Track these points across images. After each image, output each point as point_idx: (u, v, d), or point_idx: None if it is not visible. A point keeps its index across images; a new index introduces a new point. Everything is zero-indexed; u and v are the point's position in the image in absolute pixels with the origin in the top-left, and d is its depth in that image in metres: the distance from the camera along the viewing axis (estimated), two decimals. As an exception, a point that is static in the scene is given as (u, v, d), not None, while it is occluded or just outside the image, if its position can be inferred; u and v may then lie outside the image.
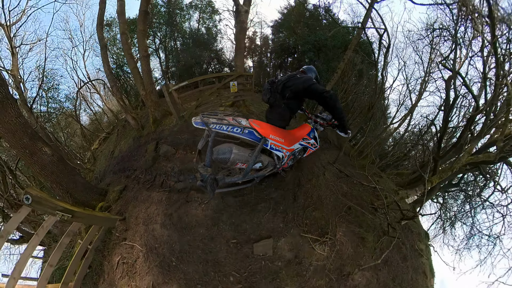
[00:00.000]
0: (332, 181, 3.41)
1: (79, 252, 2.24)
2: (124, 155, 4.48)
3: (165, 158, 3.38)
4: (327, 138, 5.08)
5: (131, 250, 2.39)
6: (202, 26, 12.06)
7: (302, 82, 2.30)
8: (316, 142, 2.77)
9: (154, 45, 10.83)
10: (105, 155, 6.48)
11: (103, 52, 4.95)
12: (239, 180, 2.23)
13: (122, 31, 4.67)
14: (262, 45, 12.32)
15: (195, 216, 2.57)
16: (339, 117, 2.35)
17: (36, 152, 2.41)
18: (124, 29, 4.67)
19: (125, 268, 2.30)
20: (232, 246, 2.36)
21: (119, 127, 7.49)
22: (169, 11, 10.49)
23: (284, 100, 2.44)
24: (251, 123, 2.12)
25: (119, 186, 3.23)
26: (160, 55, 11.15)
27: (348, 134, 2.49)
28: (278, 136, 2.27)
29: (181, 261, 2.24)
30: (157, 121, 4.51)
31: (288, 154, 2.44)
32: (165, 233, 2.44)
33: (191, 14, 11.65)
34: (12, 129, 2.26)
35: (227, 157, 2.12)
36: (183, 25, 11.30)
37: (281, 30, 11.14)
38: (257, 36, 12.40)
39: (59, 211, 1.88)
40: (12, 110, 2.27)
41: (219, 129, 1.99)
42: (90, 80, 10.68)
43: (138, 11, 4.43)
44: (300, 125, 2.79)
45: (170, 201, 2.75)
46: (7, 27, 7.84)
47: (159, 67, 11.48)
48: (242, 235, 2.45)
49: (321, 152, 4.21)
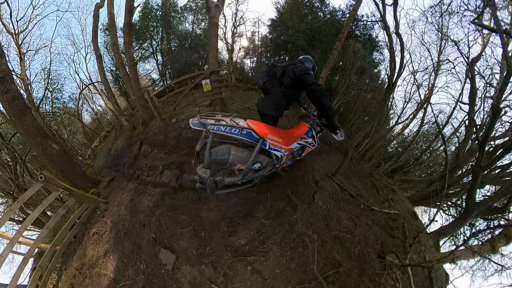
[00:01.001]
0: (324, 207, 2.77)
1: (68, 223, 2.99)
2: (118, 152, 5.16)
3: (143, 156, 4.16)
4: (326, 139, 4.72)
5: (104, 225, 3.03)
6: (197, 28, 12.68)
7: (299, 70, 2.26)
8: (315, 141, 2.77)
9: (151, 48, 11.61)
10: (104, 152, 7.19)
11: (98, 62, 5.82)
12: (238, 181, 2.24)
13: (113, 42, 5.46)
14: (261, 44, 12.39)
15: (142, 204, 3.10)
16: (326, 114, 2.28)
17: (47, 148, 3.29)
18: (115, 40, 5.46)
19: (96, 238, 2.91)
20: (151, 240, 2.60)
21: (117, 127, 8.38)
22: (165, 14, 11.11)
23: (282, 88, 2.35)
24: (248, 124, 2.14)
25: (109, 177, 4.07)
26: (157, 58, 11.92)
27: (338, 135, 2.35)
28: (276, 136, 2.29)
29: (125, 237, 2.76)
30: (145, 122, 5.34)
31: (287, 154, 2.46)
32: (125, 214, 3.04)
33: (185, 16, 12.30)
34: (29, 131, 3.15)
35: (225, 158, 2.15)
36: (179, 27, 11.98)
37: (278, 29, 11.12)
38: (255, 35, 12.52)
39: (61, 188, 2.74)
40: (28, 117, 3.15)
41: (217, 130, 2.01)
42: (92, 82, 11.66)
43: (123, 24, 5.18)
44: (298, 124, 2.81)
45: (136, 190, 3.38)
46: (15, 35, 8.82)
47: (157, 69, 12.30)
48: (161, 234, 2.62)
49: (317, 157, 3.79)
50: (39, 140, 3.22)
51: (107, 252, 2.68)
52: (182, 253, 2.39)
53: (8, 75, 3.05)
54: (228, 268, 2.20)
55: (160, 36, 11.34)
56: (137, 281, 2.30)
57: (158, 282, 2.24)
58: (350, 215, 2.82)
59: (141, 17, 10.70)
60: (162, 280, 2.24)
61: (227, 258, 2.28)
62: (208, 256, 2.31)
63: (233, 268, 2.20)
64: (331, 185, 3.15)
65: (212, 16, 5.05)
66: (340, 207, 2.88)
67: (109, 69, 10.83)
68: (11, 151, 5.11)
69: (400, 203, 3.57)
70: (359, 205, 2.96)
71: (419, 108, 7.60)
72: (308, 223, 2.58)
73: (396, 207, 3.30)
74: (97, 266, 2.59)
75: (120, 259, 2.54)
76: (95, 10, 5.79)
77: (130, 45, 5.26)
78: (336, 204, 2.89)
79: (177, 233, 2.58)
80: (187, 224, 2.65)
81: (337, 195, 3.04)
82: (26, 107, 3.13)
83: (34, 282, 2.61)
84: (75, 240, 3.14)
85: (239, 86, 10.11)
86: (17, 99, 3.07)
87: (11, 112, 3.07)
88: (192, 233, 2.55)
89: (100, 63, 5.82)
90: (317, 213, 2.72)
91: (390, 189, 3.90)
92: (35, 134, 3.19)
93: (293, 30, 8.83)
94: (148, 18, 10.57)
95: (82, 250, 2.91)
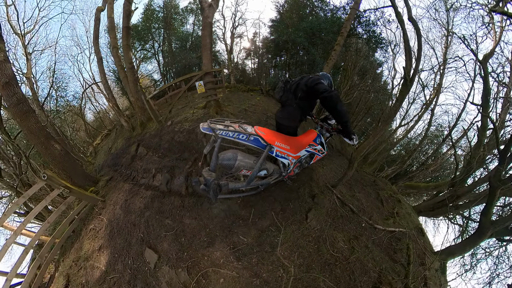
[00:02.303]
0: (318, 227, 2.57)
1: (68, 219, 3.25)
2: (118, 152, 5.37)
3: (139, 157, 4.37)
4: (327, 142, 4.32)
5: (101, 222, 3.26)
6: (198, 29, 12.90)
7: (311, 82, 2.33)
8: (323, 148, 2.72)
9: (153, 49, 11.93)
10: (105, 150, 7.45)
11: (99, 64, 6.08)
12: (243, 187, 2.25)
13: (113, 45, 5.69)
14: (262, 46, 12.43)
15: (135, 205, 3.31)
16: (341, 121, 2.28)
17: (49, 148, 3.56)
18: (115, 43, 5.69)
19: (93, 233, 3.14)
20: (139, 239, 2.78)
21: (118, 127, 8.68)
22: (166, 16, 11.38)
23: (296, 100, 2.48)
24: (256, 130, 2.17)
25: (107, 177, 4.33)
26: (158, 59, 12.22)
27: (353, 140, 2.33)
28: (284, 143, 2.29)
29: (118, 234, 2.98)
30: (143, 124, 5.59)
31: (294, 162, 2.43)
32: (119, 213, 3.27)
33: (186, 17, 12.56)
34: (33, 131, 3.42)
35: (231, 163, 2.17)
36: (180, 29, 12.25)
37: (278, 29, 11.05)
38: (256, 37, 12.73)
39: (62, 186, 2.99)
40: (32, 118, 3.42)
41: (225, 136, 2.05)
42: (95, 82, 12.02)
43: (122, 27, 5.38)
44: (306, 131, 2.74)
45: (131, 191, 3.59)
46: (22, 36, 9.21)
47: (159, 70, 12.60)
48: (148, 235, 2.80)
49: (318, 163, 3.59)
50: (42, 140, 3.48)
51: (101, 247, 2.92)
52: (164, 255, 2.54)
53: (14, 80, 3.32)
54: (202, 276, 2.29)
55: (161, 37, 11.64)
56: (124, 275, 2.52)
57: (141, 278, 2.44)
58: (348, 236, 2.63)
59: (144, 18, 11.00)
60: (144, 276, 2.44)
61: (202, 266, 2.38)
62: (185, 261, 2.43)
63: (207, 277, 2.29)
64: (330, 199, 2.92)
65: (205, 16, 5.09)
66: (337, 226, 2.70)
67: (112, 69, 11.18)
68: (16, 148, 5.46)
69: (406, 218, 3.34)
70: (361, 223, 2.73)
71: (424, 110, 7.34)
72: (294, 247, 2.41)
73: (402, 223, 3.09)
74: (91, 259, 2.81)
75: (112, 254, 2.76)
76: (96, 13, 6.04)
77: (128, 48, 5.48)
78: (334, 223, 2.70)
79: (161, 235, 2.75)
80: (170, 228, 2.79)
81: (336, 212, 2.82)
82: (30, 109, 3.40)
83: (33, 271, 2.86)
84: (73, 235, 3.38)
85: (238, 87, 10.32)
86: (22, 102, 3.33)
87: (17, 114, 3.34)
88: (174, 237, 2.69)
89: (100, 65, 6.09)
90: (308, 234, 2.52)
91: (395, 199, 3.67)
92: (38, 134, 3.46)
93: (293, 29, 8.73)
94: (151, 20, 10.85)
95: (79, 244, 3.15)
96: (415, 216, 3.76)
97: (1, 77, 3.18)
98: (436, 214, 3.92)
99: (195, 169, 3.50)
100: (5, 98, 3.32)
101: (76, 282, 2.68)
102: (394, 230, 2.32)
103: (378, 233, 2.70)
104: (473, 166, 3.81)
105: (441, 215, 4.08)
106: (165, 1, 11.25)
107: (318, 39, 8.07)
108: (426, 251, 2.69)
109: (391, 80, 8.69)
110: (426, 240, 3.40)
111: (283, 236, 2.49)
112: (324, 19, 8.48)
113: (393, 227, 2.82)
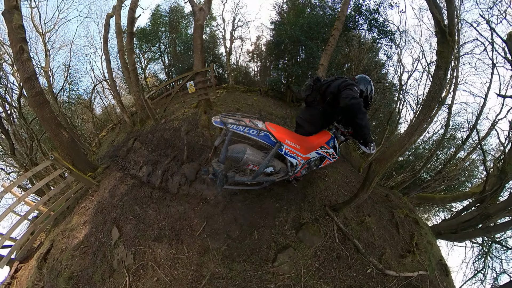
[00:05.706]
0: (292, 276, 1.78)
1: (65, 196, 3.78)
2: (119, 145, 5.84)
3: (133, 151, 4.85)
4: None
5: (91, 202, 3.73)
6: (203, 32, 13.66)
7: (344, 85, 2.07)
8: (336, 153, 2.58)
9: (160, 51, 12.79)
10: (108, 142, 8.19)
11: (107, 65, 6.86)
12: (248, 181, 2.27)
13: (119, 48, 6.40)
14: (266, 49, 12.34)
15: (119, 190, 3.77)
16: (358, 134, 2.11)
17: (59, 135, 4.28)
18: (121, 46, 6.38)
19: (83, 211, 3.61)
20: (113, 218, 3.21)
21: (122, 122, 9.45)
22: (172, 20, 12.21)
23: (323, 104, 2.30)
24: (267, 126, 2.18)
25: (105, 165, 4.96)
26: (164, 60, 13.05)
27: (370, 148, 2.15)
28: (294, 142, 2.26)
29: (100, 212, 3.43)
30: (143, 121, 6.25)
31: (303, 162, 2.37)
32: (106, 196, 3.74)
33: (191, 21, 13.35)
34: (47, 119, 4.16)
35: (240, 156, 2.22)
36: (185, 32, 13.06)
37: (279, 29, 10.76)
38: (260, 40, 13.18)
39: (65, 167, 3.67)
40: (47, 109, 4.16)
41: (236, 130, 2.10)
42: (105, 79, 12.98)
43: (126, 33, 6.05)
44: (319, 132, 2.57)
45: (120, 179, 4.05)
46: (42, 35, 10.28)
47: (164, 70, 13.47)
48: (120, 216, 3.25)
49: (318, 173, 3.00)
50: (53, 127, 4.21)
51: (86, 222, 3.41)
52: (124, 236, 2.87)
53: (34, 76, 4.08)
54: (142, 266, 2.43)
55: (168, 40, 12.49)
56: (93, 246, 2.97)
57: (103, 251, 2.83)
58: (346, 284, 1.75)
59: (152, 22, 11.90)
60: (105, 250, 2.82)
61: (146, 257, 2.51)
62: (136, 246, 2.67)
63: (146, 270, 2.41)
64: (327, 232, 2.06)
65: (196, 19, 5.35)
66: (327, 274, 1.80)
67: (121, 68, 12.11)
68: (30, 132, 6.34)
69: (427, 251, 2.49)
70: (365, 268, 1.85)
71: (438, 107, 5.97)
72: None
73: (422, 259, 2.31)
74: (75, 231, 3.30)
75: (91, 229, 3.23)
76: (106, 19, 6.85)
77: (132, 51, 6.15)
78: (322, 268, 1.84)
79: (128, 218, 3.10)
80: (136, 214, 3.14)
81: (331, 250, 1.95)
82: (45, 101, 4.15)
83: (26, 235, 3.38)
84: (67, 210, 3.88)
85: (236, 88, 10.94)
86: (40, 94, 4.09)
87: (34, 103, 4.10)
88: (136, 222, 2.99)
89: (108, 65, 6.87)
90: (270, 281, 1.76)
91: (412, 220, 2.89)
92: (50, 122, 4.19)
93: (290, 25, 8.61)
94: (158, 24, 11.73)
95: (70, 218, 3.63)
96: (436, 245, 2.88)
97: (24, 73, 3.94)
98: (460, 238, 3.02)
99: (172, 165, 3.93)
100: (26, 90, 4.11)
101: (58, 247, 3.19)
102: (411, 275, 1.65)
103: (389, 282, 1.81)
104: (510, 176, 2.99)
105: (466, 239, 3.16)
106: (171, 6, 12.12)
107: (315, 32, 7.86)
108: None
109: (398, 79, 8.13)
110: (450, 282, 2.60)
111: (226, 271, 1.91)
112: (323, 13, 8.46)
113: (411, 268, 2.05)
